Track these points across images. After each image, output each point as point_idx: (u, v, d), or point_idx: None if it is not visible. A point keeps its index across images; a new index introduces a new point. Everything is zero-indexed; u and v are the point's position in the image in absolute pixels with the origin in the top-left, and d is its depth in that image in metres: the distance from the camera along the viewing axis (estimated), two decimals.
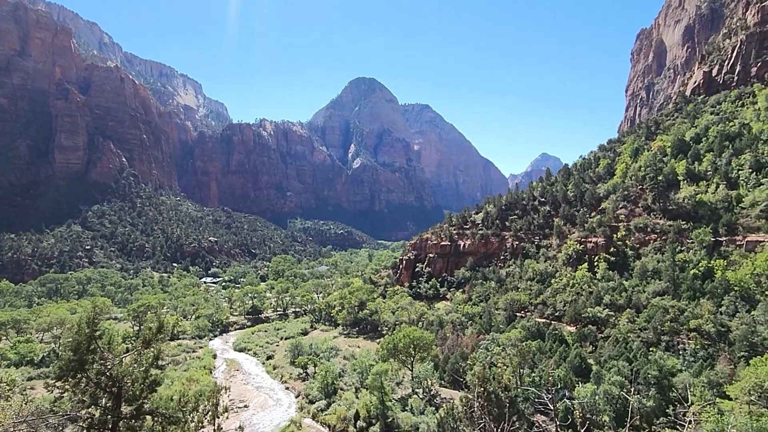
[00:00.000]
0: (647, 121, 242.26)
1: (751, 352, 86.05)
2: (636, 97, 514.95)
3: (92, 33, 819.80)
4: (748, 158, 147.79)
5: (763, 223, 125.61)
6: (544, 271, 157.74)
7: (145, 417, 23.38)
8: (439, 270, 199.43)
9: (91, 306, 20.87)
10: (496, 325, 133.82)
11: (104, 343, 22.76)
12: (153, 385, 23.53)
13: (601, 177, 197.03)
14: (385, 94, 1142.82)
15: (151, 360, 23.88)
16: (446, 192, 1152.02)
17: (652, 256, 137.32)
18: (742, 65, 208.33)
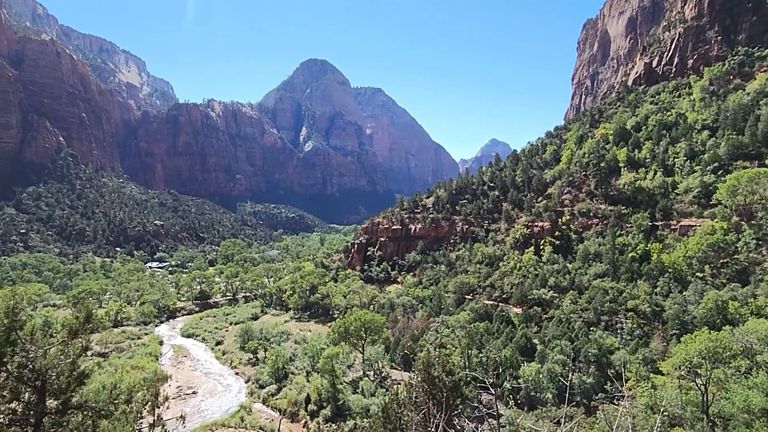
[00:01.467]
0: (591, 110, 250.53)
1: (682, 330, 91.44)
2: (582, 86, 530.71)
3: (24, 4, 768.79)
4: (684, 147, 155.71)
5: (695, 209, 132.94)
6: (493, 255, 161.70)
7: (73, 411, 22.34)
8: (391, 254, 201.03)
9: (10, 294, 19.23)
10: (446, 308, 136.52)
11: (26, 333, 21.54)
12: (81, 378, 22.41)
13: (547, 163, 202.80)
14: (337, 77, 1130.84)
15: (79, 351, 22.76)
16: (398, 176, 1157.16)
17: (594, 240, 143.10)
18: (680, 57, 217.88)
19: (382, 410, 34.86)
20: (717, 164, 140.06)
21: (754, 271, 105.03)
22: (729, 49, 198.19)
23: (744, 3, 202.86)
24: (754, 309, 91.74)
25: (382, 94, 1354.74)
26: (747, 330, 79.77)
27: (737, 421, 60.94)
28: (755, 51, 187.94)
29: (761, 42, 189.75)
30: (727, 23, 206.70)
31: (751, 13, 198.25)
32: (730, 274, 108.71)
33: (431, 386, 32.79)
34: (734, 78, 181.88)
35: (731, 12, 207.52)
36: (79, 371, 22.29)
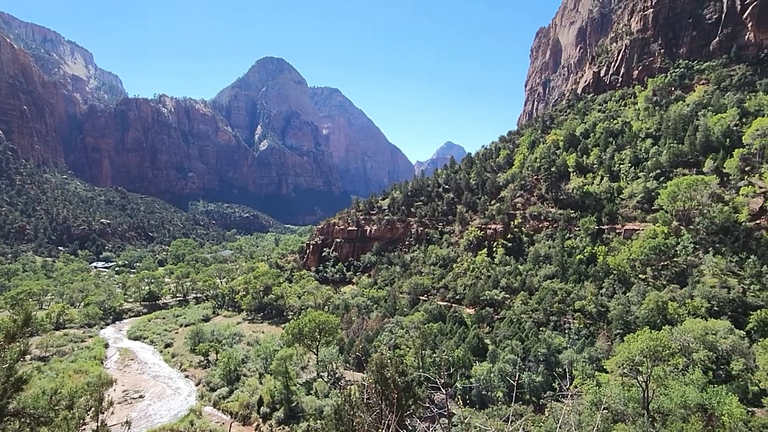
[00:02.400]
0: (543, 116, 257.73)
1: (625, 330, 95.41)
2: (534, 92, 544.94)
3: None
4: (628, 154, 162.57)
5: (639, 213, 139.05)
6: (447, 256, 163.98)
7: (10, 419, 21.39)
8: (346, 254, 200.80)
9: None
10: (401, 309, 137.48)
11: None
12: (19, 383, 21.49)
13: (501, 167, 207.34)
14: (294, 76, 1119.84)
15: (16, 355, 21.85)
16: (354, 177, 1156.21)
17: (544, 242, 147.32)
18: (626, 68, 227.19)
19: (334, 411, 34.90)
20: (659, 171, 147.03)
21: (692, 273, 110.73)
22: (671, 62, 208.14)
23: (685, 18, 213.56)
24: (691, 309, 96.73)
25: (339, 94, 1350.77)
26: (684, 329, 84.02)
27: (675, 416, 64.09)
28: (695, 64, 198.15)
29: (700, 56, 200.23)
30: (670, 37, 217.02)
31: (691, 28, 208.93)
32: (670, 275, 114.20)
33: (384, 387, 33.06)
34: (675, 89, 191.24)
35: (673, 27, 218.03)
36: (16, 377, 21.37)
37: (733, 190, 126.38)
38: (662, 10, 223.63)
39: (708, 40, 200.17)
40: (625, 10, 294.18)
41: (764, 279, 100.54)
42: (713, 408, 62.74)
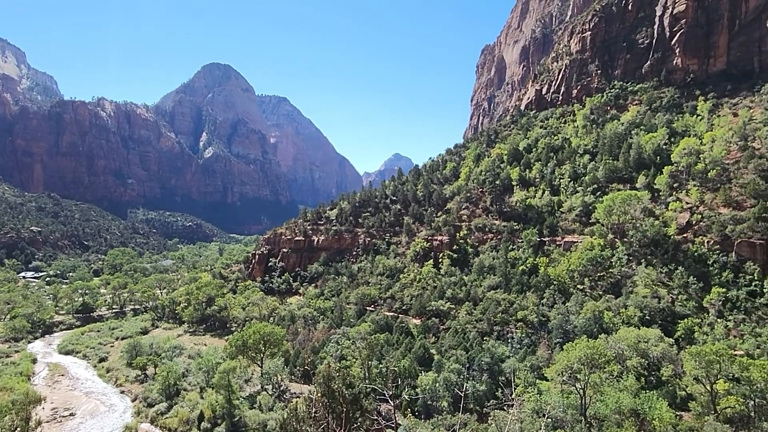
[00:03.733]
0: (488, 130, 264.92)
1: (564, 339, 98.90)
2: (479, 107, 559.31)
3: None
4: (568, 169, 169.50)
5: (577, 226, 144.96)
6: (394, 267, 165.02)
7: None
8: (293, 265, 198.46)
9: None
10: (347, 319, 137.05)
11: None
12: None
13: (447, 179, 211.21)
14: (241, 83, 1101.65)
15: None
16: (302, 187, 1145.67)
17: (488, 254, 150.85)
18: (566, 87, 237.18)
19: (279, 426, 34.39)
20: (596, 186, 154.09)
21: (626, 283, 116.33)
22: (607, 83, 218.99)
23: (620, 42, 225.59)
24: (625, 318, 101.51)
25: (287, 103, 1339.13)
26: (619, 338, 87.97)
27: (610, 421, 66.87)
28: (628, 85, 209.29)
29: (634, 78, 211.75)
30: (606, 59, 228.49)
31: (625, 51, 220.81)
32: (606, 286, 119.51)
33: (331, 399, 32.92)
34: (611, 109, 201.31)
35: (609, 49, 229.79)
36: None
37: (663, 205, 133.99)
38: (599, 33, 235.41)
39: (641, 64, 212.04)
40: (565, 32, 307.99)
41: (691, 289, 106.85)
42: (645, 413, 65.93)
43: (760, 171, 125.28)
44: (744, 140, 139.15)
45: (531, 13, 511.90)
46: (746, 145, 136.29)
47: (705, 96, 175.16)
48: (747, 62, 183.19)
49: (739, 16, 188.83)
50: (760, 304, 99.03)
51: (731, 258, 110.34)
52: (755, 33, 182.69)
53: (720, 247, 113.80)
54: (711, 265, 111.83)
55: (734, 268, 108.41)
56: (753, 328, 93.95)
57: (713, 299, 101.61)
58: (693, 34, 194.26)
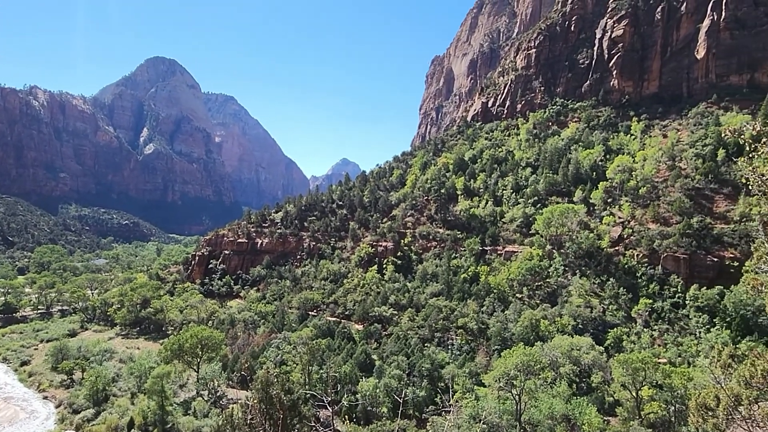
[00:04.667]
0: (435, 140, 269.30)
1: (502, 346, 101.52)
2: (428, 116, 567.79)
3: None
4: (511, 180, 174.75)
5: (518, 237, 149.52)
6: (338, 272, 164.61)
7: None
8: (235, 267, 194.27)
9: None
10: (289, 324, 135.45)
11: None
12: None
13: (394, 186, 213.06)
14: (186, 79, 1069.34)
15: None
16: (247, 188, 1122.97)
17: (432, 261, 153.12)
18: (511, 101, 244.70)
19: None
20: (536, 198, 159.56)
21: (561, 293, 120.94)
22: (550, 99, 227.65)
23: (562, 61, 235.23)
24: (560, 327, 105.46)
25: (234, 102, 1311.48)
26: (553, 345, 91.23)
27: (543, 426, 69.19)
28: (569, 103, 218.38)
29: (574, 96, 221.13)
30: (549, 77, 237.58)
31: (567, 70, 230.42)
32: (543, 295, 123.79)
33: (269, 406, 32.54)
34: (553, 124, 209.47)
35: (552, 67, 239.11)
36: None
37: (598, 218, 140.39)
38: (543, 51, 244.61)
39: (581, 83, 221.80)
40: (511, 48, 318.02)
41: (620, 300, 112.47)
42: (576, 418, 68.68)
43: (685, 190, 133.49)
44: (672, 160, 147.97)
45: (480, 27, 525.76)
46: (674, 165, 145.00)
47: (638, 117, 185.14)
48: (677, 87, 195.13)
49: (671, 43, 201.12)
50: (682, 315, 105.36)
51: (658, 271, 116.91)
52: (684, 60, 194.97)
53: (648, 261, 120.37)
54: (639, 277, 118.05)
55: (660, 281, 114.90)
56: (675, 338, 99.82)
57: (641, 310, 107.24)
58: (629, 58, 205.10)
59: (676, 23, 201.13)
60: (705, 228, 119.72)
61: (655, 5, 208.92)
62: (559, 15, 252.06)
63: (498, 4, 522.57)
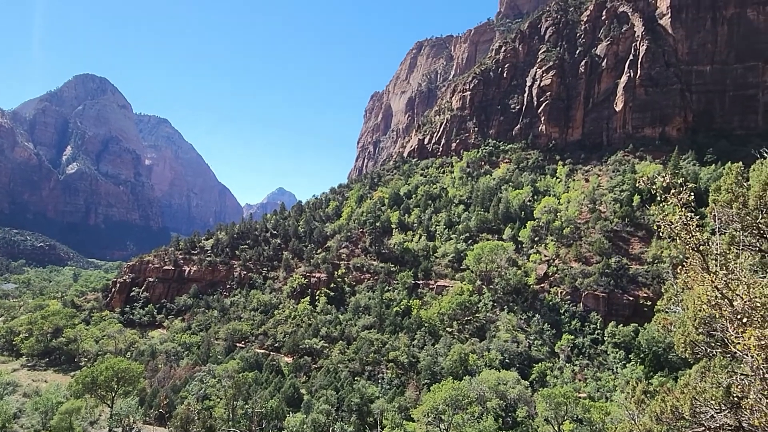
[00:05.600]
0: (372, 173, 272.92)
1: (432, 380, 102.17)
2: (365, 150, 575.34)
3: None
4: (444, 216, 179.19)
5: (449, 271, 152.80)
6: (269, 303, 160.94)
7: None
8: (159, 296, 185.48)
9: None
10: (215, 356, 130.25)
11: None
12: None
13: (329, 217, 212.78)
14: (117, 99, 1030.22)
15: None
16: (177, 213, 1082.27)
17: (365, 294, 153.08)
18: (446, 139, 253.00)
19: None
20: (468, 234, 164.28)
21: (489, 328, 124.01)
22: (483, 140, 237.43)
23: (495, 105, 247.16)
24: (488, 361, 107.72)
25: (168, 125, 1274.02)
26: (481, 380, 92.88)
27: None
28: (501, 144, 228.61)
29: (506, 138, 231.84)
30: (483, 118, 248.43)
31: (499, 113, 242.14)
32: (472, 330, 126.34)
33: None
34: (485, 164, 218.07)
35: (486, 110, 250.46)
36: None
37: (525, 256, 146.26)
38: (477, 94, 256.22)
39: (512, 126, 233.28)
40: (448, 89, 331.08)
41: (545, 335, 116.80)
42: None
43: (604, 232, 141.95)
44: (593, 203, 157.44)
45: (419, 68, 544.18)
46: (594, 208, 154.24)
47: (564, 161, 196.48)
48: (598, 135, 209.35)
49: (593, 95, 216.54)
50: (601, 350, 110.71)
51: (579, 308, 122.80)
52: (605, 111, 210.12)
53: (571, 298, 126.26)
54: (563, 313, 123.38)
55: (581, 318, 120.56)
56: (595, 373, 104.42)
57: (563, 345, 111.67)
58: (556, 106, 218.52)
59: (598, 77, 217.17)
60: (622, 268, 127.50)
61: (579, 59, 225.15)
62: (493, 62, 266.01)
63: (436, 47, 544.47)
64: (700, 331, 14.59)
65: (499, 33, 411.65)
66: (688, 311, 14.72)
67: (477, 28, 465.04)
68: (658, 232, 15.06)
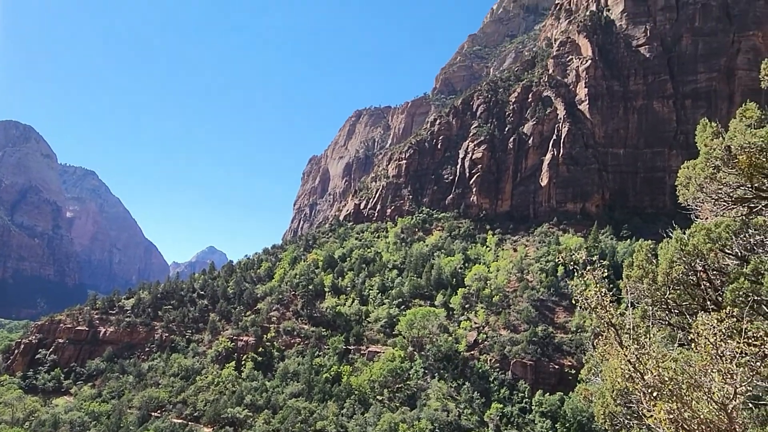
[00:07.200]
0: (307, 235, 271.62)
1: None
2: (301, 212, 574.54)
3: None
4: (377, 281, 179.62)
5: (381, 337, 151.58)
6: (191, 368, 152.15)
7: None
8: (68, 359, 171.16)
9: None
10: (126, 426, 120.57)
11: None
12: None
13: (261, 278, 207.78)
14: (42, 147, 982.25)
15: None
16: (97, 270, 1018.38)
17: (294, 359, 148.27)
18: (381, 205, 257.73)
19: None
20: (401, 300, 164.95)
21: (420, 396, 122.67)
22: (417, 207, 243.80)
23: (429, 174, 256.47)
24: (418, 431, 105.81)
25: (94, 177, 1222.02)
26: None
27: None
28: (434, 212, 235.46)
29: (439, 206, 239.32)
30: (417, 186, 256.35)
31: (433, 183, 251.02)
32: (403, 397, 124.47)
33: None
34: (419, 231, 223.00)
35: (420, 179, 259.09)
36: None
37: (456, 323, 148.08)
38: (413, 163, 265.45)
39: (445, 195, 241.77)
40: (384, 157, 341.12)
41: (475, 404, 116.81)
42: None
43: (531, 300, 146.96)
44: (521, 272, 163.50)
45: (357, 135, 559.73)
46: (522, 277, 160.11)
47: (494, 230, 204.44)
48: (525, 208, 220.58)
49: (521, 170, 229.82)
50: (529, 419, 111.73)
51: (508, 376, 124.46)
52: (531, 186, 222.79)
53: (500, 366, 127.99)
54: (492, 381, 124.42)
55: (510, 386, 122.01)
56: None
57: (492, 414, 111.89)
58: (486, 178, 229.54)
59: (525, 153, 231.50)
60: (548, 337, 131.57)
61: (508, 135, 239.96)
62: (428, 133, 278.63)
63: (374, 117, 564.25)
64: (618, 402, 15.46)
65: (434, 107, 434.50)
66: (607, 383, 15.56)
67: (414, 101, 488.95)
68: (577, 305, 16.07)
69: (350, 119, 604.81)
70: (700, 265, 18.70)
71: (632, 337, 13.94)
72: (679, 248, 18.75)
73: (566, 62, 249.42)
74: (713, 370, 11.08)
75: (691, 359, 12.82)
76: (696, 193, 19.93)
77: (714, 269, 18.77)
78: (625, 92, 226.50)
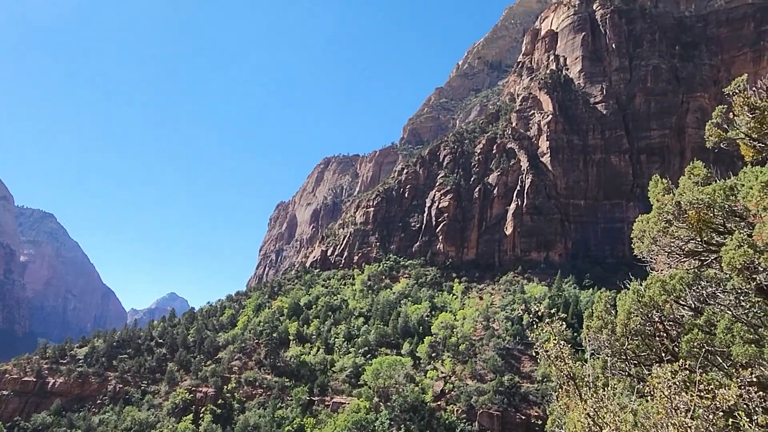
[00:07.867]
0: (273, 282, 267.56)
1: None
2: (267, 258, 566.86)
3: None
4: (344, 329, 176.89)
5: (347, 387, 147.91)
6: (145, 421, 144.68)
7: None
8: (12, 413, 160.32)
9: None
10: None
11: None
12: None
13: (224, 326, 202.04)
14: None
15: None
16: (50, 317, 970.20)
17: (255, 411, 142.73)
18: (348, 252, 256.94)
19: None
20: (367, 348, 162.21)
21: None
22: (384, 254, 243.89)
23: (396, 222, 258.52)
24: None
25: (53, 220, 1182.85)
26: None
27: None
28: (401, 260, 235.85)
29: (406, 254, 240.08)
30: (385, 234, 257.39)
31: (400, 230, 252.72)
32: None
33: None
34: (386, 278, 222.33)
35: (388, 226, 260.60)
36: None
37: (423, 372, 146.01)
38: (380, 211, 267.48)
39: (412, 243, 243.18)
40: (352, 204, 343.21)
41: None
42: None
43: (498, 349, 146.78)
44: (487, 321, 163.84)
45: (325, 182, 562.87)
46: (488, 326, 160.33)
47: (460, 278, 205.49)
48: (491, 256, 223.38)
49: (486, 219, 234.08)
50: None
51: (475, 427, 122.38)
52: (497, 234, 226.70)
53: (466, 416, 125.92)
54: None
55: None
56: None
57: None
58: (452, 227, 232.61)
59: (490, 203, 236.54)
60: (515, 386, 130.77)
61: (474, 185, 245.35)
62: (396, 182, 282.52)
63: (343, 164, 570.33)
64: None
65: (401, 156, 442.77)
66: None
67: (382, 150, 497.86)
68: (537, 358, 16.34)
69: (319, 166, 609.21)
70: (656, 316, 19.20)
71: (591, 389, 14.20)
72: (636, 299, 19.25)
73: (528, 116, 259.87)
74: (668, 423, 11.29)
75: (649, 412, 13.06)
76: (650, 246, 20.84)
77: (670, 320, 19.28)
78: (585, 146, 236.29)
